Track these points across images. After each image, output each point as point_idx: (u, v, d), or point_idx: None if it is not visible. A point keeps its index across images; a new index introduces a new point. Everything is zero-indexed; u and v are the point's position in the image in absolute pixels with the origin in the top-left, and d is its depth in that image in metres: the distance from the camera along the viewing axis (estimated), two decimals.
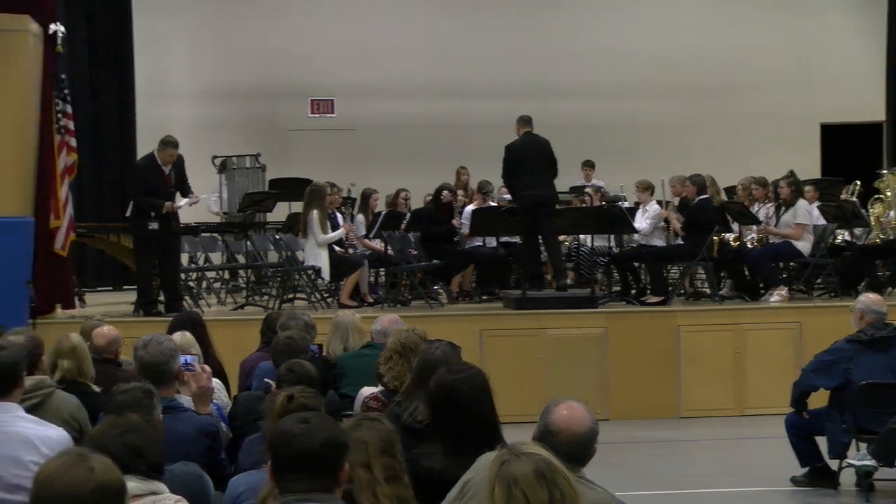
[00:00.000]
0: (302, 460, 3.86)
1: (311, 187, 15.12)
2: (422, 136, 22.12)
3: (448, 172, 17.66)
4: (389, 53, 22.30)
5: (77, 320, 12.45)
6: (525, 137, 14.64)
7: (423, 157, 21.36)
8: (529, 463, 3.55)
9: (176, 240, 14.39)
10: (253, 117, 22.35)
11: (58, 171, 14.02)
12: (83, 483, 3.29)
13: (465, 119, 22.01)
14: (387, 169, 20.91)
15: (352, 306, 13.98)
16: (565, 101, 21.54)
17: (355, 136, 22.36)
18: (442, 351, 6.25)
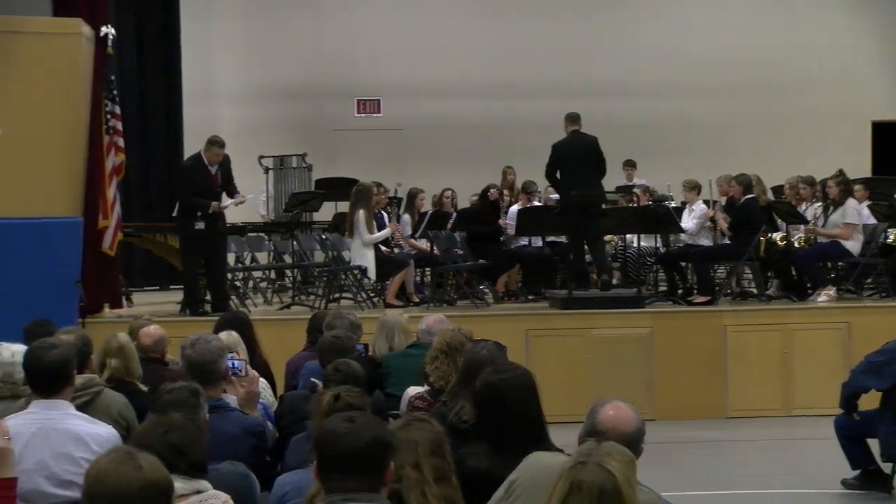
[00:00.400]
0: (347, 460, 3.85)
1: (357, 187, 15.15)
2: (468, 135, 22.10)
3: (494, 172, 17.65)
4: (436, 53, 22.31)
5: (125, 320, 12.54)
6: (572, 136, 14.60)
7: (470, 156, 21.35)
8: (600, 477, 3.52)
9: (222, 239, 14.46)
10: (299, 117, 22.42)
11: (106, 172, 14.12)
12: (131, 481, 3.35)
13: (512, 119, 21.99)
14: (433, 169, 20.91)
15: (398, 306, 14.00)
16: (611, 100, 21.47)
17: (401, 135, 22.37)
18: (488, 351, 6.25)
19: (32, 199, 13.19)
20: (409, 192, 16.75)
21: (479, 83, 22.22)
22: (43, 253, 12.75)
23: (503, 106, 22.15)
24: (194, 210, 13.90)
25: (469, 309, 14.76)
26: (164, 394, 5.38)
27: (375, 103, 22.84)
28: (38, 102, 13.34)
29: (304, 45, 22.40)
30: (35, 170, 13.27)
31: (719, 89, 22.21)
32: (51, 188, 13.38)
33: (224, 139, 14.14)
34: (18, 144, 13.26)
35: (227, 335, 7.97)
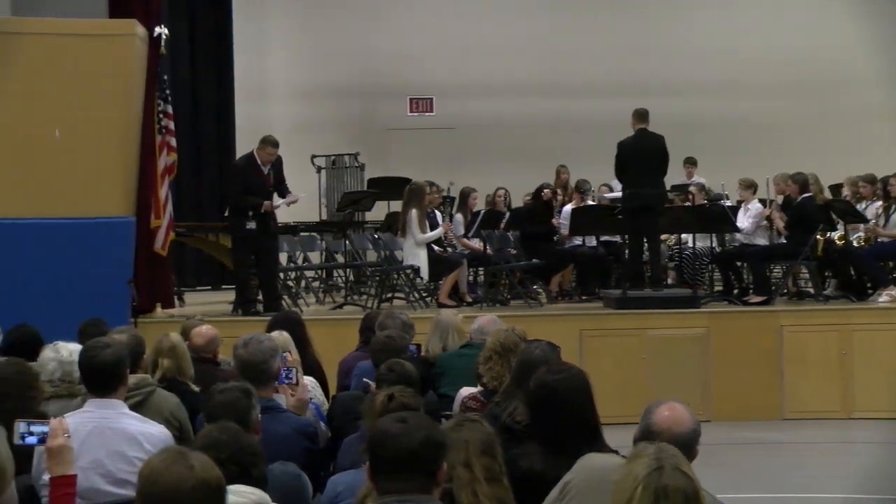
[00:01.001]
0: (400, 460, 3.86)
1: (409, 186, 15.17)
2: (521, 134, 22.07)
3: (547, 171, 17.62)
4: (489, 51, 22.29)
5: (177, 319, 12.62)
6: (637, 134, 14.56)
7: (523, 155, 21.31)
8: (682, 481, 3.50)
9: (274, 239, 14.51)
10: (352, 116, 22.48)
11: (158, 171, 14.20)
12: (183, 480, 3.39)
13: (565, 117, 21.94)
14: (486, 168, 20.89)
15: (450, 306, 14.00)
16: (665, 98, 21.31)
17: (454, 134, 22.39)
18: (541, 351, 6.24)
19: (85, 200, 13.28)
20: (461, 191, 16.75)
21: (533, 81, 22.19)
22: (95, 253, 12.84)
23: (557, 104, 22.10)
24: (246, 209, 13.96)
25: (522, 309, 14.74)
26: (216, 394, 5.39)
27: (428, 102, 22.88)
28: (93, 103, 13.43)
29: (356, 43, 22.44)
30: (88, 170, 13.37)
31: (775, 87, 22.07)
32: (104, 188, 13.46)
33: (277, 141, 14.17)
34: (73, 145, 13.36)
35: (277, 335, 7.99)
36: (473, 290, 16.07)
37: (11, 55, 13.42)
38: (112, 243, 13.07)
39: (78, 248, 12.83)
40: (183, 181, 18.59)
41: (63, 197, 13.22)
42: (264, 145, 14.01)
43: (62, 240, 12.83)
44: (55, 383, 6.56)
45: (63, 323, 8.23)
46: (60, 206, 13.15)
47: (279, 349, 6.84)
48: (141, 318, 13.46)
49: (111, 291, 12.69)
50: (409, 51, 22.39)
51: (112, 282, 12.80)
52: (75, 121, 13.37)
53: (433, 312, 10.95)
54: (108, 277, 12.79)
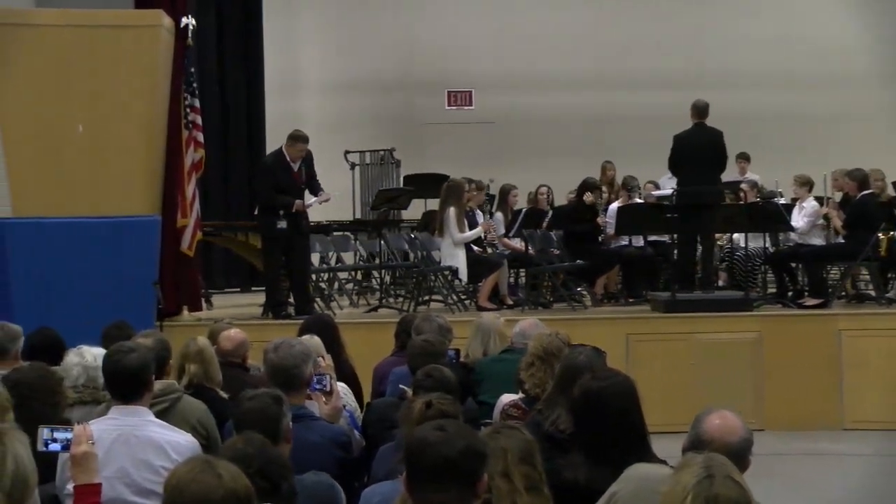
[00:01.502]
0: (439, 470, 3.82)
1: (447, 184, 15.18)
2: (565, 128, 22.07)
3: (593, 167, 17.59)
4: (530, 42, 22.30)
5: (204, 323, 12.67)
6: (694, 128, 14.53)
7: (566, 151, 21.31)
8: (735, 491, 3.48)
9: (305, 239, 14.53)
10: (387, 111, 22.51)
11: (185, 168, 14.24)
12: (211, 490, 3.41)
13: (612, 111, 21.92)
14: (527, 164, 20.89)
15: (490, 309, 13.99)
16: (715, 91, 21.06)
17: (494, 129, 22.40)
18: (586, 356, 6.23)
19: (109, 198, 13.36)
20: (501, 188, 16.73)
21: (577, 73, 22.17)
22: (119, 253, 12.87)
23: (603, 97, 22.08)
24: (276, 208, 13.98)
25: (566, 312, 14.73)
26: (245, 401, 5.36)
27: (467, 95, 22.89)
28: (117, 97, 13.53)
29: (392, 34, 22.49)
30: (112, 167, 13.45)
31: (833, 77, 21.97)
32: (128, 186, 13.54)
33: (308, 134, 14.20)
34: (96, 141, 13.45)
35: (310, 339, 8.00)
36: (514, 292, 16.06)
37: (34, 47, 13.52)
38: (137, 243, 13.10)
39: (101, 249, 12.85)
40: (211, 178, 18.64)
41: (85, 195, 13.30)
42: (293, 141, 14.03)
43: (84, 239, 12.86)
44: (79, 389, 6.62)
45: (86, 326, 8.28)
46: (82, 204, 13.22)
47: (312, 354, 6.85)
48: (167, 322, 13.50)
49: (136, 293, 12.74)
50: (448, 42, 22.41)
51: (137, 283, 12.84)
52: (99, 115, 13.46)
53: (473, 316, 10.96)
54: (132, 279, 12.82)
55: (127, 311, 10.45)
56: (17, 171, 13.50)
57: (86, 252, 12.79)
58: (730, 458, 4.39)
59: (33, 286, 12.54)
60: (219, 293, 18.32)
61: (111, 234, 12.95)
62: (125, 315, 9.22)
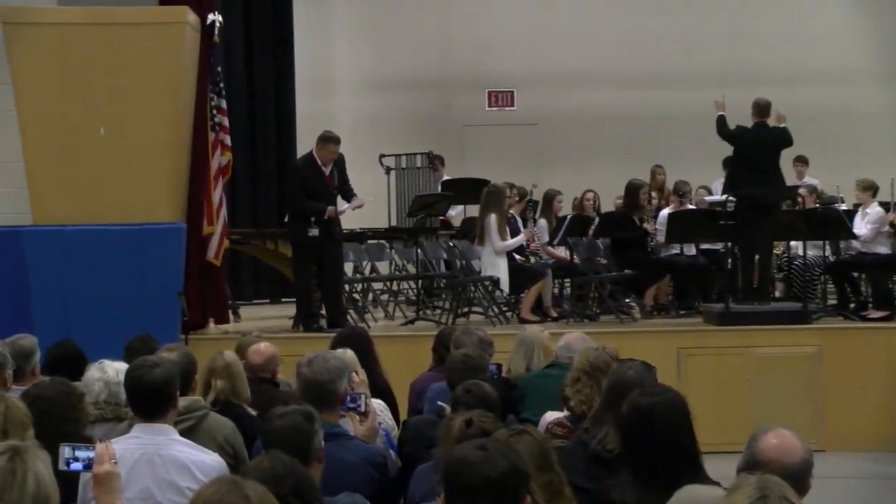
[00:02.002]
0: (480, 491, 3.82)
1: (488, 189, 15.18)
2: (612, 130, 22.04)
3: (641, 171, 17.54)
4: (576, 38, 22.26)
5: (231, 336, 12.73)
6: (755, 128, 14.50)
7: (614, 154, 21.29)
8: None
9: (338, 247, 14.55)
10: (424, 111, 22.52)
11: (211, 173, 14.28)
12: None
13: (662, 111, 21.86)
14: (572, 168, 20.89)
15: (533, 321, 13.98)
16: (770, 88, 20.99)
17: (537, 130, 22.38)
18: (635, 371, 6.23)
19: (131, 204, 13.42)
20: (545, 193, 16.72)
21: (625, 71, 22.13)
22: (143, 262, 12.92)
23: (652, 97, 22.02)
24: (307, 215, 14.00)
25: (613, 325, 14.72)
26: (275, 418, 5.37)
27: (508, 95, 22.89)
28: (141, 98, 13.58)
29: (430, 31, 22.49)
30: (135, 171, 13.50)
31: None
32: (152, 191, 13.58)
33: (340, 135, 14.22)
34: (119, 144, 13.52)
35: (343, 353, 8.00)
36: (559, 303, 16.05)
37: (56, 47, 13.61)
38: (161, 252, 13.16)
39: (123, 258, 12.92)
40: (238, 183, 18.69)
41: (108, 201, 13.38)
42: (324, 143, 14.04)
43: (106, 248, 12.93)
44: (100, 405, 6.66)
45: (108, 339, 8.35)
46: (104, 210, 13.29)
47: (347, 369, 6.85)
48: (192, 335, 13.56)
49: (159, 305, 12.80)
50: (488, 38, 22.40)
51: (160, 294, 12.91)
52: (122, 117, 13.53)
53: (515, 328, 10.97)
54: (156, 289, 12.89)
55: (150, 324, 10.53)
56: (37, 176, 13.60)
57: (108, 261, 12.86)
58: (788, 480, 4.39)
59: (53, 297, 12.63)
60: (247, 305, 18.36)
61: (134, 243, 13.02)
62: (148, 328, 9.29)
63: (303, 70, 21.18)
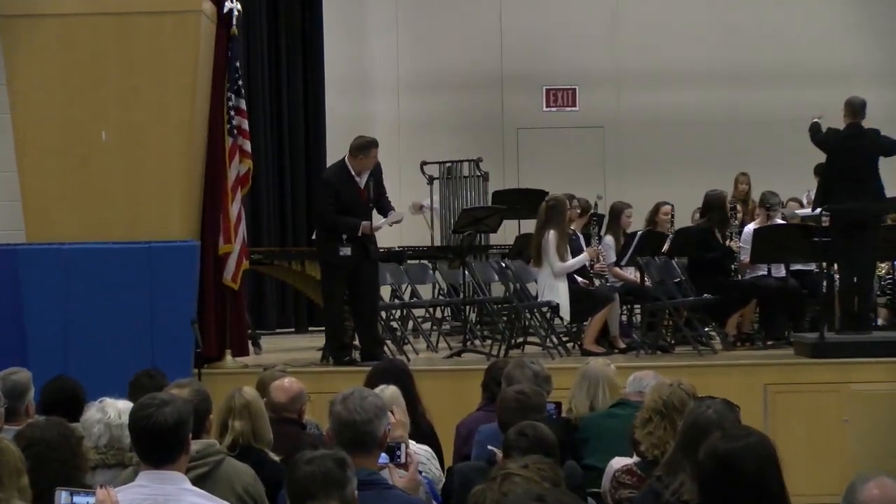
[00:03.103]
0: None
1: (546, 201, 15.13)
2: (690, 134, 22.00)
3: (723, 180, 17.50)
4: (647, 30, 22.26)
5: (252, 370, 12.75)
6: (847, 131, 14.42)
7: (692, 161, 21.25)
8: None
9: (374, 268, 14.52)
10: (472, 113, 22.51)
11: (228, 183, 14.25)
12: None
13: (746, 112, 21.83)
14: (644, 176, 20.86)
15: (599, 353, 13.92)
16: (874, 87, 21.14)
17: (603, 134, 22.37)
18: (714, 411, 6.21)
19: (140, 219, 13.48)
20: (612, 206, 16.68)
21: (705, 68, 22.11)
22: (151, 286, 12.96)
23: (735, 97, 21.99)
24: (339, 232, 14.01)
25: (691, 357, 14.68)
26: (301, 464, 5.33)
27: (570, 94, 22.86)
28: (151, 99, 13.64)
29: (480, 22, 22.50)
30: (144, 183, 13.55)
31: None
32: (162, 205, 13.62)
33: (377, 140, 14.25)
34: (126, 152, 13.57)
35: (381, 390, 8.00)
36: (628, 333, 16.01)
37: (55, 41, 13.68)
38: (171, 274, 13.19)
39: (129, 280, 12.96)
40: (260, 196, 18.76)
41: (112, 215, 13.45)
42: (358, 151, 14.03)
43: (110, 269, 12.98)
44: (101, 450, 6.67)
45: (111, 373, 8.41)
46: (109, 226, 13.36)
47: (386, 409, 6.81)
48: (206, 369, 13.58)
49: (170, 334, 12.84)
50: (547, 31, 22.42)
51: (171, 322, 12.94)
52: (127, 120, 13.59)
53: (577, 362, 10.95)
54: (165, 317, 12.93)
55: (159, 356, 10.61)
56: (33, 187, 13.66)
57: (112, 284, 12.91)
58: None
59: (50, 325, 12.68)
60: (269, 334, 18.40)
61: (141, 263, 13.05)
62: (157, 360, 9.37)
63: (334, 66, 21.26)
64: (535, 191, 17.40)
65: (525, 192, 18.29)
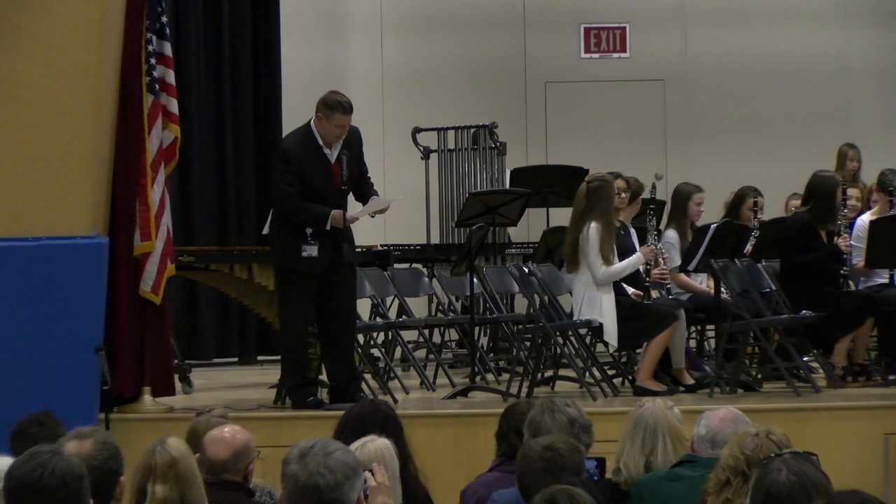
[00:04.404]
0: None
1: (587, 183, 15.12)
2: (780, 91, 22.02)
3: (825, 155, 17.50)
4: None
5: (180, 415, 12.78)
6: None
7: (785, 128, 21.25)
8: None
9: (350, 275, 14.54)
10: (483, 63, 22.54)
11: (148, 157, 14.25)
12: None
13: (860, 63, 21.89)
14: (719, 149, 20.89)
15: (658, 392, 13.94)
16: None
17: (663, 91, 22.38)
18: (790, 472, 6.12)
19: (21, 207, 13.46)
20: (675, 190, 16.71)
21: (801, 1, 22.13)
22: (42, 297, 12.97)
23: (842, 39, 22.01)
24: (302, 224, 14.04)
25: (784, 397, 14.73)
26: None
27: (618, 36, 22.88)
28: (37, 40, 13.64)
29: None
30: (33, 160, 13.56)
31: None
32: (54, 187, 13.64)
33: (353, 100, 14.23)
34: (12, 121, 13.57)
35: (363, 444, 7.95)
36: (697, 364, 16.01)
37: None
38: (68, 282, 13.21)
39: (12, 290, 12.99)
40: (192, 175, 18.76)
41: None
42: (329, 111, 14.02)
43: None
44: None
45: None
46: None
47: (360, 467, 6.78)
48: (117, 412, 13.64)
49: (67, 366, 12.84)
50: None
51: (69, 348, 12.94)
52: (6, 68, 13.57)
53: (627, 404, 10.93)
54: (62, 340, 12.92)
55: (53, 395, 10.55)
56: None
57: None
58: None
59: None
60: (204, 366, 18.45)
61: (29, 267, 13.07)
62: (50, 401, 9.30)
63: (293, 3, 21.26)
64: (569, 168, 17.43)
65: (555, 171, 18.32)
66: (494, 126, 20.20)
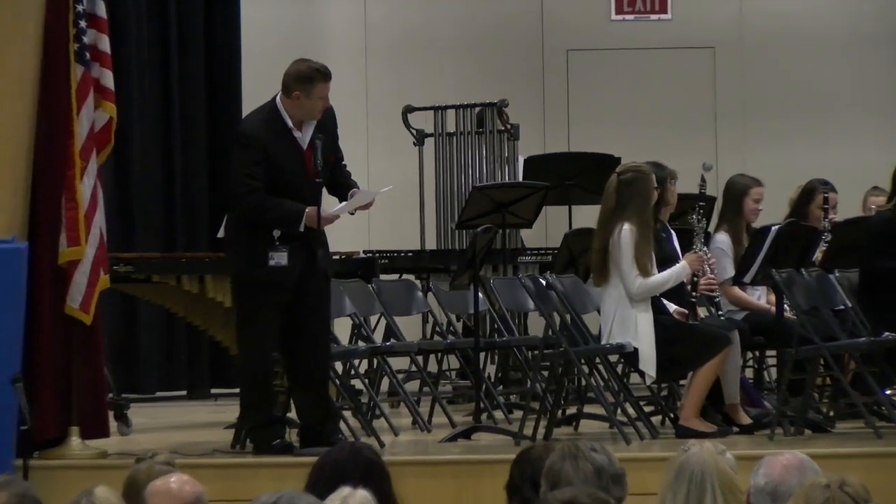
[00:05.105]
0: None
1: (619, 175, 15.10)
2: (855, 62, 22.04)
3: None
4: None
5: (116, 462, 12.74)
6: None
7: (861, 109, 21.26)
8: None
9: (325, 288, 14.55)
10: (491, 27, 22.56)
11: (76, 143, 14.25)
12: None
13: None
14: (781, 134, 20.90)
15: (706, 433, 13.91)
16: None
17: (713, 60, 22.40)
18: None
19: None
20: (728, 184, 16.69)
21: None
22: None
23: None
24: (268, 225, 14.01)
25: (863, 440, 14.73)
26: None
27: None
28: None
29: None
30: None
31: None
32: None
33: (329, 70, 14.21)
34: None
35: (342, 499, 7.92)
36: (755, 398, 15.98)
37: None
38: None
39: None
40: (131, 165, 18.76)
41: None
42: (299, 84, 14.05)
43: None
44: None
45: None
46: None
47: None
48: (37, 458, 13.64)
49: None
50: None
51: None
52: None
53: (669, 448, 10.88)
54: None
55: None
56: None
57: None
58: None
59: None
60: (146, 401, 18.44)
61: None
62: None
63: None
64: (596, 156, 17.41)
65: (579, 160, 18.30)
66: (504, 104, 20.22)
